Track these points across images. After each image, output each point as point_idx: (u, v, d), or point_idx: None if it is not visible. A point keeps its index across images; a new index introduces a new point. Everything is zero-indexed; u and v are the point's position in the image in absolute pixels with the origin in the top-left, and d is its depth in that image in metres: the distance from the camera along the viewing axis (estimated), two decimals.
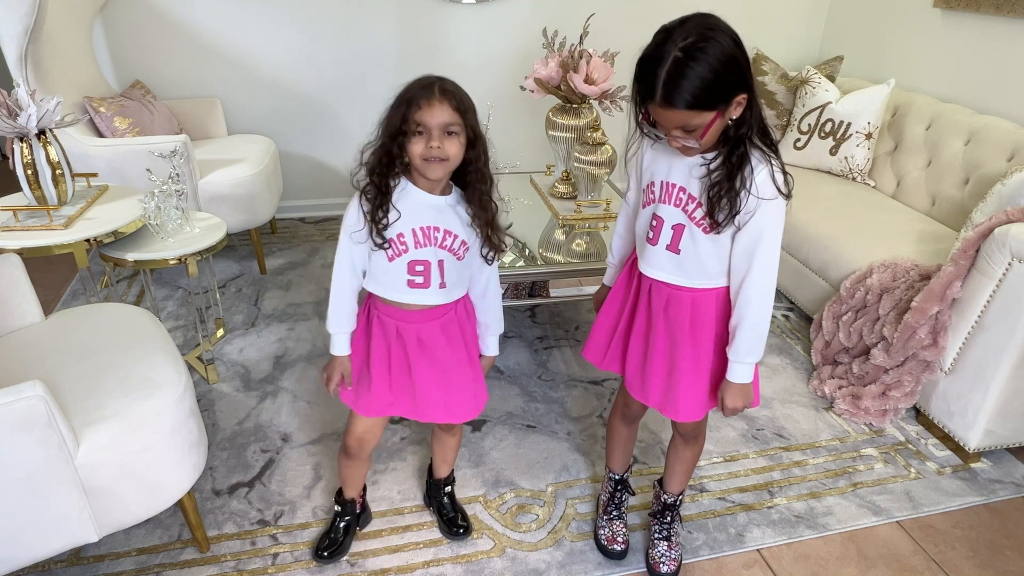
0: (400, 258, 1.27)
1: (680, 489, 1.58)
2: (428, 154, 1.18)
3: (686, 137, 1.12)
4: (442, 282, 1.31)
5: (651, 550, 1.59)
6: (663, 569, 1.56)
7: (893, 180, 2.87)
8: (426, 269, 1.28)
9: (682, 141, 1.13)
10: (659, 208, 1.26)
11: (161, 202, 2.01)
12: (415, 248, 1.26)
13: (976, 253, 1.86)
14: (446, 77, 1.23)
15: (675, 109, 1.07)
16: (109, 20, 2.99)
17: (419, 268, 1.28)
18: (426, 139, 1.17)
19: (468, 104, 1.21)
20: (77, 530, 1.30)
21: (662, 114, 1.10)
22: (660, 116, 1.11)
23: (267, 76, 3.22)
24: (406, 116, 1.17)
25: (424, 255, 1.27)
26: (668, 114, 1.09)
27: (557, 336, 2.51)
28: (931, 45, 2.96)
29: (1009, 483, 1.90)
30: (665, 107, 1.08)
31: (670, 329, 1.33)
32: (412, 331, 1.34)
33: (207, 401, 2.10)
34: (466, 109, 1.20)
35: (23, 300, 1.66)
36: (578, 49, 2.30)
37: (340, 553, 1.60)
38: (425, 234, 1.26)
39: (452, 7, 3.25)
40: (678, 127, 1.10)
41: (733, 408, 1.31)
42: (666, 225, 1.26)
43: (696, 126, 1.09)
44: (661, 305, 1.32)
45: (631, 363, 1.41)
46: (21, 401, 1.15)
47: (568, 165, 2.48)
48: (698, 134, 1.10)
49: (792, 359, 2.42)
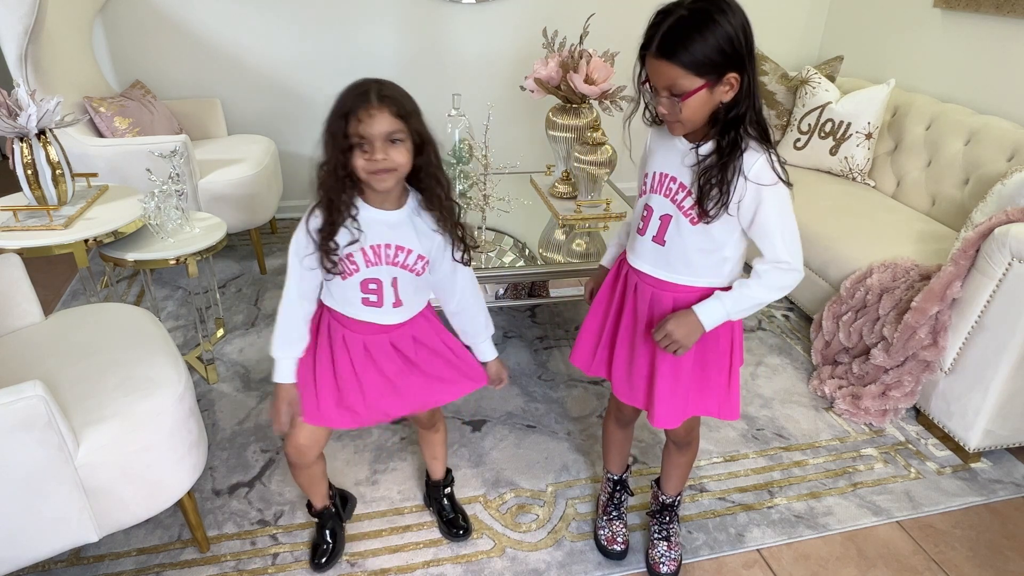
0: (352, 277, 1.23)
1: (677, 491, 1.58)
2: (373, 167, 1.11)
3: (672, 102, 1.11)
4: (396, 300, 1.27)
5: (651, 550, 1.59)
6: (663, 569, 1.56)
7: (893, 180, 2.87)
8: (379, 288, 1.25)
9: (667, 106, 1.12)
10: (650, 198, 1.26)
11: (161, 202, 2.01)
12: (366, 267, 1.22)
13: (976, 253, 1.86)
14: (384, 80, 1.15)
15: (665, 62, 1.08)
16: (109, 20, 2.99)
17: (372, 287, 1.25)
18: (369, 152, 1.11)
19: (410, 107, 1.14)
20: (77, 530, 1.30)
21: (654, 66, 1.10)
22: (652, 69, 1.11)
23: (267, 76, 3.22)
24: (345, 131, 1.11)
25: (376, 274, 1.23)
26: (659, 66, 1.09)
27: (557, 336, 2.51)
28: (931, 45, 2.96)
29: (1009, 483, 1.90)
30: (657, 58, 1.09)
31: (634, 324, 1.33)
32: (358, 341, 1.30)
33: (207, 401, 2.10)
34: (408, 113, 1.12)
35: (23, 300, 1.66)
36: (578, 49, 2.31)
37: (336, 557, 1.59)
38: (376, 252, 1.22)
39: (452, 7, 3.25)
40: (666, 87, 1.10)
41: (667, 334, 1.22)
42: (654, 215, 1.25)
43: (683, 89, 1.08)
44: (645, 305, 1.31)
45: (617, 365, 1.40)
46: (21, 401, 1.15)
47: (568, 165, 2.48)
48: (684, 105, 1.10)
49: (792, 359, 2.42)
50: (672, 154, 1.22)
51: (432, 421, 1.57)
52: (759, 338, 2.53)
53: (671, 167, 1.22)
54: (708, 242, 1.22)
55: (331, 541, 1.59)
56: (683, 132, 1.17)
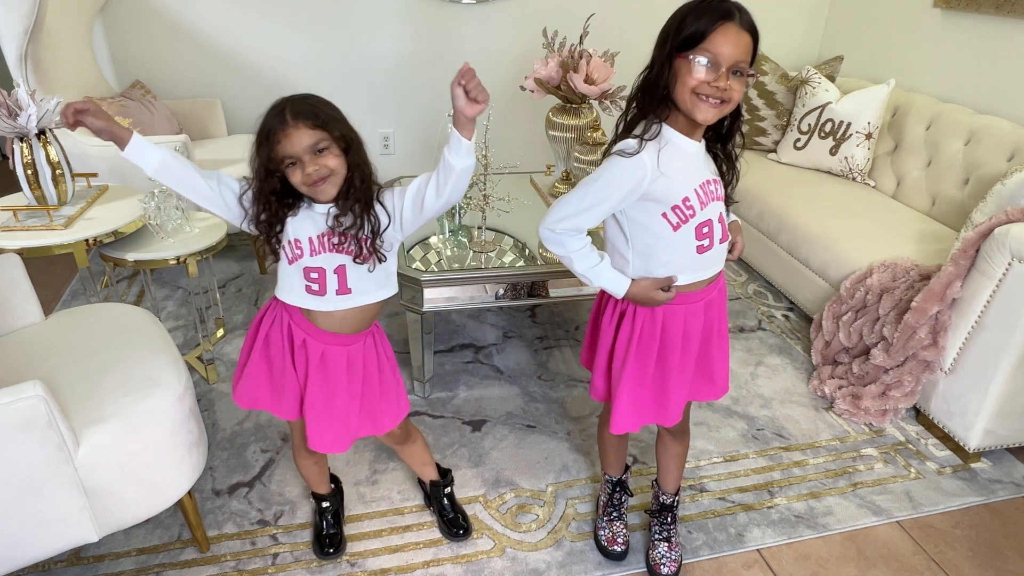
0: (296, 263, 1.23)
1: (677, 486, 1.58)
2: (309, 180, 1.14)
3: (734, 79, 1.11)
4: (340, 288, 1.25)
5: (651, 551, 1.59)
6: (664, 570, 1.56)
7: (893, 180, 2.87)
8: (320, 276, 1.23)
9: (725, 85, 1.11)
10: (705, 213, 1.23)
11: (161, 202, 2.01)
12: (310, 256, 1.22)
13: (976, 253, 1.86)
14: (299, 95, 1.15)
15: (747, 33, 1.11)
16: (109, 20, 2.99)
17: (313, 275, 1.24)
18: (300, 167, 1.13)
19: (328, 114, 1.14)
20: (77, 530, 1.30)
21: (734, 36, 1.10)
22: (730, 40, 1.10)
23: (267, 76, 3.22)
24: (270, 156, 1.13)
25: (318, 262, 1.23)
26: (742, 37, 1.10)
27: (557, 336, 2.51)
28: (931, 45, 2.96)
29: (1009, 483, 1.90)
30: (742, 27, 1.10)
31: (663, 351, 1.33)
32: (317, 349, 1.29)
33: (207, 401, 2.10)
34: (327, 120, 1.13)
35: (23, 300, 1.66)
36: (578, 49, 2.30)
37: (341, 545, 1.61)
38: (321, 241, 1.22)
39: (452, 7, 3.25)
40: (742, 59, 1.11)
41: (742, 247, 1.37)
42: (714, 222, 1.25)
43: (746, 67, 1.12)
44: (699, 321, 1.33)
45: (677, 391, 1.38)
46: (21, 401, 1.15)
47: (568, 165, 2.48)
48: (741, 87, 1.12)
49: (792, 359, 2.42)
50: (695, 162, 1.22)
51: (406, 435, 1.56)
52: (759, 338, 2.53)
53: (702, 174, 1.23)
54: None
55: (336, 526, 1.62)
56: (717, 118, 1.16)
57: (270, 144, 1.13)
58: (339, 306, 1.27)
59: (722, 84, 1.10)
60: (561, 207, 1.23)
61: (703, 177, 1.22)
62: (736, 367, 2.35)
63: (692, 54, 1.11)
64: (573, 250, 1.26)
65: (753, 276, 2.99)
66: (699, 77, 1.11)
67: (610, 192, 1.19)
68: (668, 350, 1.32)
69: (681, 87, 1.13)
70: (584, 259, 1.27)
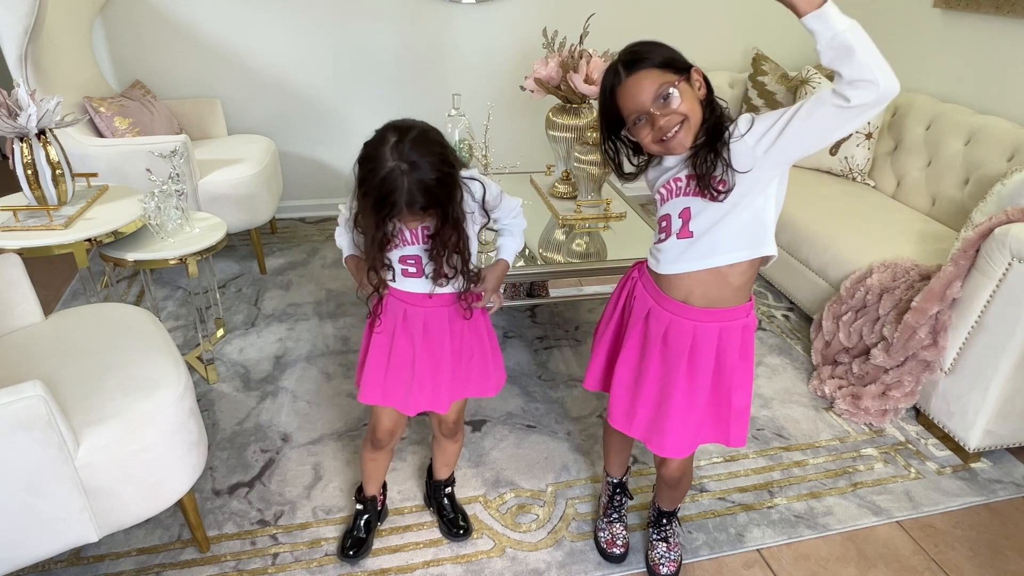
0: (395, 251, 1.29)
1: (673, 507, 1.59)
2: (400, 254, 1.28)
3: (666, 111, 1.10)
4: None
5: (650, 552, 1.59)
6: (662, 571, 1.56)
7: (893, 180, 2.87)
8: (416, 262, 1.30)
9: (663, 119, 1.10)
10: (665, 207, 1.26)
11: (161, 202, 2.01)
12: (403, 246, 1.29)
13: (976, 253, 1.86)
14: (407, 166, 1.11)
15: (642, 71, 1.11)
16: (109, 20, 2.99)
17: (410, 261, 1.30)
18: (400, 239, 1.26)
19: (440, 196, 1.14)
20: (77, 530, 1.30)
21: (633, 85, 1.11)
22: (632, 89, 1.12)
23: (267, 76, 3.22)
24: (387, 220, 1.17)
25: (414, 251, 1.29)
26: (638, 79, 1.11)
27: (557, 336, 2.51)
28: (931, 45, 2.96)
29: (1009, 483, 1.90)
30: (632, 73, 1.11)
31: (666, 357, 1.30)
32: (419, 316, 1.35)
33: (207, 401, 2.10)
34: (437, 203, 1.15)
35: (23, 300, 1.66)
36: (578, 49, 2.30)
37: (365, 552, 1.60)
38: (414, 234, 1.27)
39: (452, 7, 3.25)
40: (654, 94, 1.10)
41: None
42: (674, 217, 1.24)
43: (669, 85, 1.09)
44: (659, 332, 1.29)
45: (618, 394, 1.39)
46: (21, 401, 1.15)
47: (568, 165, 2.48)
48: (677, 101, 1.10)
49: (792, 359, 2.42)
50: (669, 163, 1.24)
51: (455, 429, 1.58)
52: (759, 338, 2.53)
53: (672, 172, 1.23)
54: (748, 212, 1.18)
55: (365, 533, 1.62)
56: (692, 135, 1.14)
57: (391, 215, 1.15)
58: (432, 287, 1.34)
59: (662, 121, 1.12)
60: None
61: (672, 174, 1.23)
62: None
63: (624, 129, 1.17)
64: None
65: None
66: (644, 133, 1.14)
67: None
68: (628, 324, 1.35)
69: (647, 147, 1.18)
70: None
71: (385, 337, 1.38)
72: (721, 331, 1.27)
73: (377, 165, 1.12)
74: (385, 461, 1.59)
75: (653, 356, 1.31)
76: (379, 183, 1.11)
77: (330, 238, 3.29)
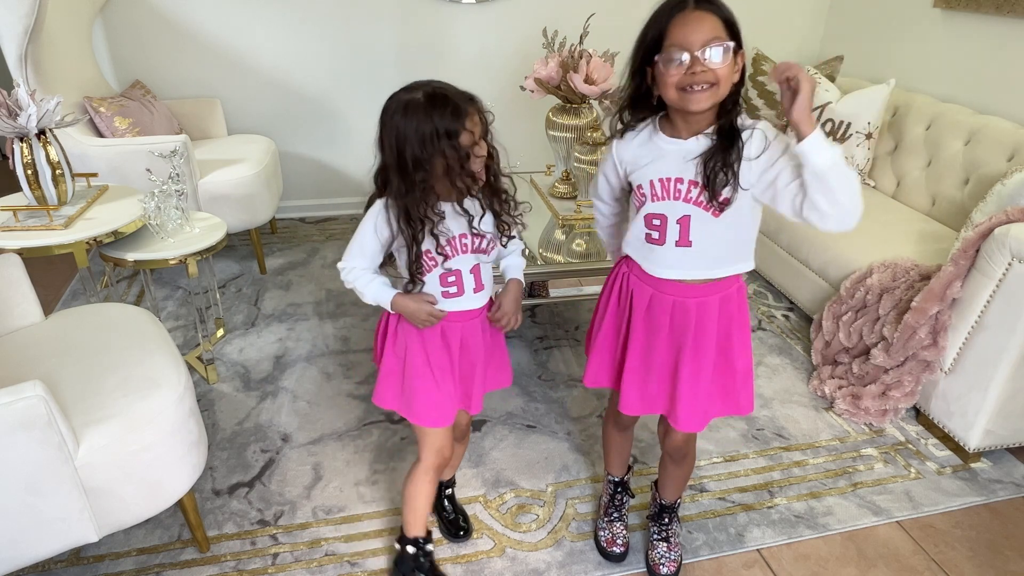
0: (432, 272, 1.24)
1: (675, 498, 1.58)
2: (478, 164, 1.19)
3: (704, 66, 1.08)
4: (477, 285, 1.30)
5: (651, 551, 1.59)
6: (663, 571, 1.55)
7: (893, 180, 2.87)
8: (458, 278, 1.26)
9: (703, 69, 1.08)
10: (660, 206, 1.23)
11: (161, 202, 2.01)
12: (445, 260, 1.23)
13: (976, 253, 1.86)
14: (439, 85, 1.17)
15: (708, 13, 1.09)
16: (109, 20, 2.99)
17: (451, 279, 1.26)
18: (478, 151, 1.18)
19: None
20: (77, 530, 1.30)
21: (692, 20, 1.08)
22: (689, 25, 1.08)
23: (267, 76, 3.22)
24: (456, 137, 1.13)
25: (455, 264, 1.25)
26: (701, 18, 1.08)
27: (557, 336, 2.51)
28: (931, 45, 2.96)
29: (1009, 483, 1.90)
30: (698, 8, 1.09)
31: (673, 335, 1.31)
32: (457, 331, 1.32)
33: (207, 401, 2.10)
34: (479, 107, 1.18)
35: (23, 300, 1.66)
36: (578, 49, 2.31)
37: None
38: (452, 245, 1.23)
39: (452, 7, 3.25)
40: (709, 40, 1.08)
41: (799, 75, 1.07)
42: (671, 221, 1.23)
43: (721, 47, 1.08)
44: (665, 315, 1.30)
45: (631, 382, 1.38)
46: (21, 401, 1.15)
47: (568, 165, 2.48)
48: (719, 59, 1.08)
49: (792, 359, 2.42)
50: (667, 158, 1.21)
51: (467, 431, 1.59)
52: (759, 338, 2.53)
53: (671, 170, 1.21)
54: (736, 230, 1.23)
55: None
56: (711, 103, 1.12)
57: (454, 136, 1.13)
58: (478, 303, 1.32)
59: (698, 69, 1.09)
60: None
61: (670, 174, 1.21)
62: None
63: (659, 55, 1.12)
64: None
65: (753, 276, 2.99)
66: (674, 73, 1.11)
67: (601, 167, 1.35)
68: (633, 324, 1.35)
69: (665, 88, 1.14)
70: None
71: (420, 359, 1.31)
72: (721, 300, 1.29)
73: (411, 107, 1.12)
74: (435, 483, 1.46)
75: (661, 338, 1.32)
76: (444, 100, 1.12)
77: (331, 237, 3.29)
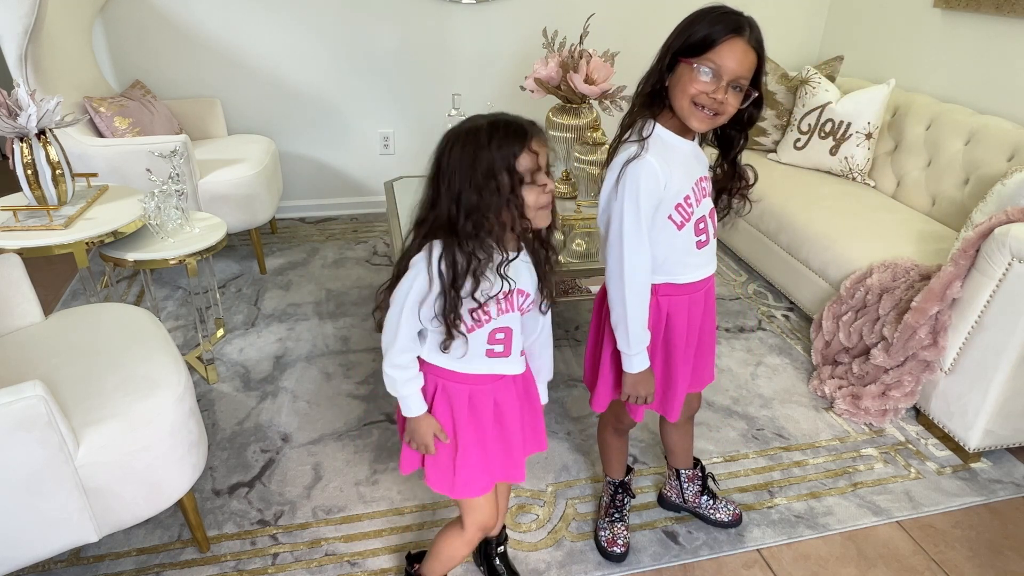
0: (481, 328, 1.10)
1: (691, 459, 1.67)
2: (545, 200, 1.03)
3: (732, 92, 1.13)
4: (520, 348, 1.18)
5: (701, 509, 1.70)
6: (719, 515, 1.68)
7: (893, 180, 2.87)
8: (507, 336, 1.13)
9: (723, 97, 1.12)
10: (701, 208, 1.28)
11: (161, 202, 2.01)
12: (498, 315, 1.10)
13: (976, 253, 1.86)
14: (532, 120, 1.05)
15: (753, 51, 1.12)
16: (109, 20, 2.98)
17: (500, 336, 1.12)
18: (541, 183, 1.02)
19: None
20: (77, 530, 1.30)
21: (741, 51, 1.11)
22: (738, 54, 1.11)
23: (267, 76, 3.22)
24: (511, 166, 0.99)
25: (506, 322, 1.11)
26: (748, 53, 1.11)
27: (557, 336, 2.51)
28: (931, 45, 2.96)
29: (1009, 483, 1.90)
30: (750, 44, 1.11)
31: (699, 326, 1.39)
32: (488, 395, 1.18)
33: (207, 401, 2.10)
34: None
35: (23, 300, 1.66)
36: (578, 49, 2.30)
37: None
38: (509, 300, 1.10)
39: (452, 7, 3.25)
40: (744, 75, 1.12)
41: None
42: (707, 218, 1.30)
43: (745, 84, 1.14)
44: (698, 314, 1.37)
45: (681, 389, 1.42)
46: (21, 401, 1.16)
47: (568, 165, 2.48)
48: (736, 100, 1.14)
49: (792, 359, 2.42)
50: (687, 160, 1.25)
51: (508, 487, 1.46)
52: (759, 338, 2.53)
53: (696, 170, 1.27)
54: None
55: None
56: (709, 127, 1.19)
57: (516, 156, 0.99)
58: (519, 368, 1.19)
59: (719, 96, 1.12)
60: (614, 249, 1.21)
61: (697, 174, 1.27)
62: (736, 367, 2.35)
63: (697, 62, 1.12)
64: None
65: (753, 276, 2.99)
66: (699, 87, 1.13)
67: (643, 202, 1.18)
68: (673, 341, 1.36)
69: (681, 93, 1.15)
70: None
71: (446, 428, 1.19)
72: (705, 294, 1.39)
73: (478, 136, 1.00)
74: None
75: (693, 335, 1.38)
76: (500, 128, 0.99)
77: (331, 237, 3.29)
